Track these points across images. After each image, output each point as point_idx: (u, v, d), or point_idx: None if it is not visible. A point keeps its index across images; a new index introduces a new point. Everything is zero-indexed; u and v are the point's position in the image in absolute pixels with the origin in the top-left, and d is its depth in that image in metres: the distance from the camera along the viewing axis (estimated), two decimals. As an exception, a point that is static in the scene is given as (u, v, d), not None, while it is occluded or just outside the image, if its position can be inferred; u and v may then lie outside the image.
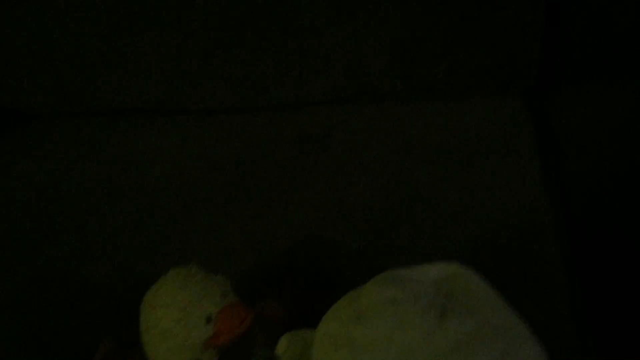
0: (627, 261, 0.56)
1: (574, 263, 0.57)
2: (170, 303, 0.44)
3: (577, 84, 0.72)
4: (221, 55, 0.69)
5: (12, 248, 0.63)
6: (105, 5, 0.66)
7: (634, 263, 0.56)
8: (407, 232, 0.59)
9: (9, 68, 0.72)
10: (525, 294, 0.54)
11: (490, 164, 0.65)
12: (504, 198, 0.61)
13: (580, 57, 0.71)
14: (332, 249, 0.59)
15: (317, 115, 0.71)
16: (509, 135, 0.68)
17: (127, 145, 0.71)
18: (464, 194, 0.62)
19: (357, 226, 0.60)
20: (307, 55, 0.68)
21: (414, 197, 0.62)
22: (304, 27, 0.66)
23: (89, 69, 0.70)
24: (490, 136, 0.67)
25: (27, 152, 0.73)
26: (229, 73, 0.70)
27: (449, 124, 0.68)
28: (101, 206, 0.65)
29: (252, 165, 0.66)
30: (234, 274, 0.46)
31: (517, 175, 0.64)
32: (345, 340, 0.34)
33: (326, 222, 0.61)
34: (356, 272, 0.40)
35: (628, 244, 0.57)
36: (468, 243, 0.58)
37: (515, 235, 0.59)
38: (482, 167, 0.64)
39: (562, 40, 0.70)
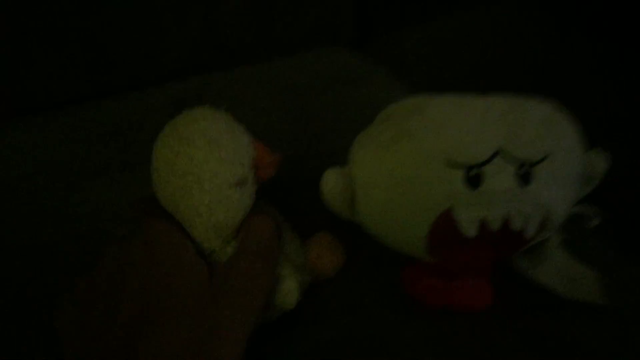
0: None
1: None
2: (213, 118, 0.41)
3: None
4: (62, 41, 0.67)
5: None
6: None
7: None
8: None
9: None
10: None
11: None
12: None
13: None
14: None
15: (182, 84, 0.71)
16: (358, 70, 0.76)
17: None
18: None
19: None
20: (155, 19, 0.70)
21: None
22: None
23: None
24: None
25: None
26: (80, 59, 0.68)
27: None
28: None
29: (131, 133, 0.64)
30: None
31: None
32: (403, 133, 0.39)
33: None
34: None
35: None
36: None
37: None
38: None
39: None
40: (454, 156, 0.38)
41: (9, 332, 0.45)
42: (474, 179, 0.38)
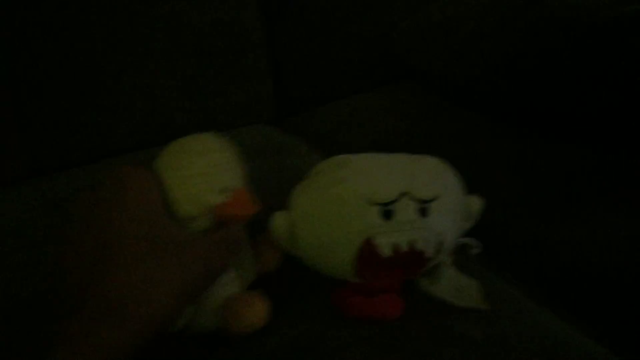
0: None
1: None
2: (204, 152, 0.47)
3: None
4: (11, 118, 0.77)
5: None
6: None
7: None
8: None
9: None
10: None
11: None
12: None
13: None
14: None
15: (130, 156, 0.83)
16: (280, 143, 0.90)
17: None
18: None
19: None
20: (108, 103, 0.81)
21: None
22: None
23: None
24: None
25: None
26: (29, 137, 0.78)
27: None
28: None
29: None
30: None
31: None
32: (334, 180, 0.52)
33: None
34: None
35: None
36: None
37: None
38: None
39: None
40: (372, 197, 0.52)
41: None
42: (387, 213, 0.51)
